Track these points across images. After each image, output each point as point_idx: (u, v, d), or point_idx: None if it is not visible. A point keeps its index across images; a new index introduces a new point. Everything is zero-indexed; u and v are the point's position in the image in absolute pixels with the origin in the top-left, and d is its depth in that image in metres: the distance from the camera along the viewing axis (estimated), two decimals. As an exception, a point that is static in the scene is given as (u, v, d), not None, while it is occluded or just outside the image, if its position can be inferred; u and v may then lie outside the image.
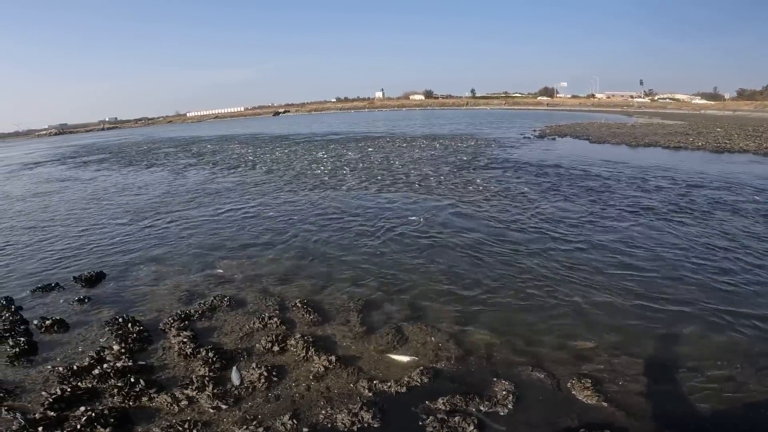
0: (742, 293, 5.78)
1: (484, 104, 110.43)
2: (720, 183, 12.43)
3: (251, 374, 4.38)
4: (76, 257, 8.25)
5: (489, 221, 9.26)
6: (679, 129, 31.04)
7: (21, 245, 9.28)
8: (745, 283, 6.03)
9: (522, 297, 5.92)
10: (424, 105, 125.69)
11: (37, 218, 11.76)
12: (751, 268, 6.52)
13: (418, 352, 4.76)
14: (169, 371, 4.53)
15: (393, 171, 16.35)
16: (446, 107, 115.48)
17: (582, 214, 9.57)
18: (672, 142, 22.66)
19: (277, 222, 9.93)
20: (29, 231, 10.43)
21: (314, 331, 5.25)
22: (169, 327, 5.24)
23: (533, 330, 5.13)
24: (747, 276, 6.26)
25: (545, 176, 14.18)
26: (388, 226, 9.26)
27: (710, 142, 22.25)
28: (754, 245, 7.39)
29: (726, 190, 11.57)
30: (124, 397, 4.03)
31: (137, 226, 10.17)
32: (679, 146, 21.50)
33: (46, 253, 8.64)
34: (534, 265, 6.91)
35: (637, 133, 28.14)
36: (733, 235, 7.92)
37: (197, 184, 15.85)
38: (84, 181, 18.75)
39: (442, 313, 5.58)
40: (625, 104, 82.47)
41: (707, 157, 18.29)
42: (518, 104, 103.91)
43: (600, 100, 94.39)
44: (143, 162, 24.61)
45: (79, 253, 8.46)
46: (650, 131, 29.86)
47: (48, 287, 6.69)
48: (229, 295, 6.14)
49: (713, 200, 10.50)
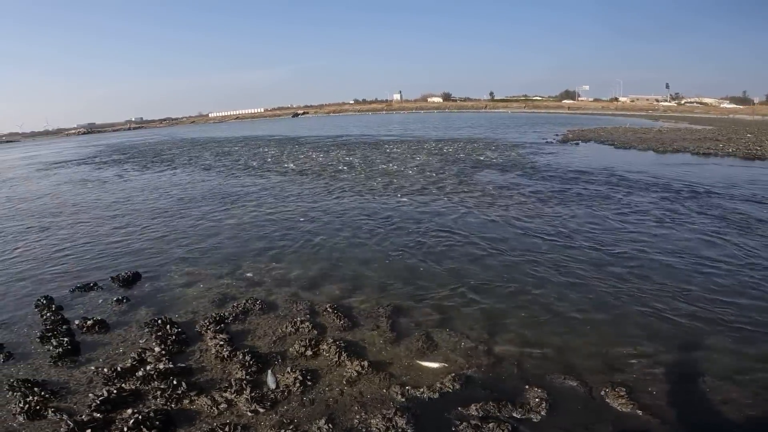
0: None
1: (503, 107, 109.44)
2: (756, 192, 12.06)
3: (286, 378, 4.46)
4: (111, 257, 8.50)
5: (516, 229, 9.20)
6: (708, 134, 30.25)
7: (57, 244, 9.59)
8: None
9: (551, 305, 5.89)
10: (442, 108, 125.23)
11: (71, 218, 12.12)
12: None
13: (449, 359, 4.79)
14: (207, 373, 4.64)
15: (410, 176, 16.37)
16: (464, 110, 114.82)
17: (612, 223, 9.43)
18: (701, 149, 22.08)
19: (305, 226, 10.06)
20: (64, 230, 10.77)
21: (345, 336, 5.31)
22: (205, 329, 5.38)
23: (564, 338, 5.11)
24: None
25: (572, 183, 13.99)
26: (415, 231, 9.29)
27: (741, 149, 21.63)
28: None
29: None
30: (167, 399, 4.14)
31: (168, 227, 10.44)
32: (708, 152, 20.93)
33: (83, 252, 8.93)
34: (562, 273, 6.85)
35: (664, 139, 27.53)
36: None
37: (222, 186, 16.13)
38: (113, 181, 19.27)
39: (472, 320, 5.58)
40: (651, 108, 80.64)
41: (739, 165, 17.76)
42: (538, 108, 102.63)
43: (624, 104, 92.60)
44: (170, 163, 25.17)
45: (114, 253, 8.72)
46: (678, 136, 29.18)
47: (87, 287, 6.92)
48: (260, 298, 6.26)
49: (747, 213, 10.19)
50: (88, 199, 15.09)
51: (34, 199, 15.99)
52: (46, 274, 7.79)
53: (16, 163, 36.42)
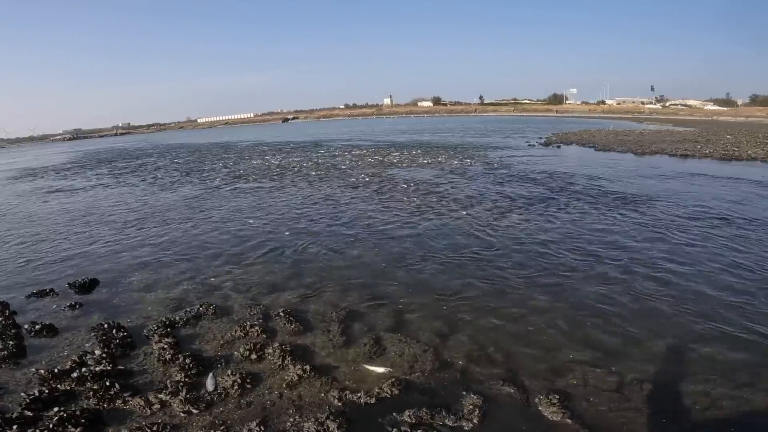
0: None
1: (493, 111, 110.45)
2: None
3: (225, 381, 4.48)
4: (71, 264, 8.46)
5: (479, 237, 9.27)
6: (689, 136, 30.72)
7: (17, 252, 9.54)
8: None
9: (506, 310, 5.89)
10: (432, 112, 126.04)
11: (32, 228, 12.05)
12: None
13: (394, 363, 4.79)
14: (147, 376, 4.67)
15: (393, 180, 16.47)
16: (454, 114, 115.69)
17: (570, 223, 9.55)
18: (679, 150, 22.43)
19: (271, 231, 10.07)
20: (26, 239, 10.70)
21: (294, 340, 5.33)
22: (153, 333, 5.39)
23: (514, 343, 5.11)
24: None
25: (538, 185, 14.15)
26: (376, 233, 9.36)
27: (718, 150, 21.98)
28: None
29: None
30: (99, 399, 4.18)
31: (132, 235, 10.40)
32: (686, 154, 21.28)
33: (43, 260, 8.88)
34: (518, 276, 6.93)
35: (644, 141, 27.91)
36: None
37: (193, 193, 16.11)
38: (80, 190, 19.10)
39: (425, 324, 5.58)
40: (636, 110, 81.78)
41: (713, 166, 18.05)
42: (527, 111, 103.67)
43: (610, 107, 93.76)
44: (140, 170, 25.08)
45: (74, 261, 8.67)
46: (658, 138, 29.59)
47: (42, 293, 6.89)
48: (216, 303, 6.27)
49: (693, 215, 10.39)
50: (53, 209, 14.90)
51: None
52: (3, 281, 7.74)
53: None
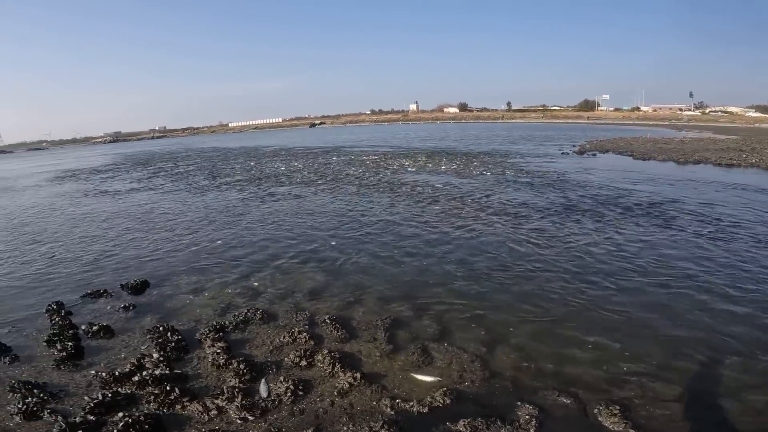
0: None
1: (521, 117, 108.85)
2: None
3: (278, 387, 4.51)
4: (120, 265, 8.78)
5: (518, 247, 9.10)
6: (732, 144, 29.41)
7: (67, 253, 9.94)
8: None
9: (553, 321, 5.80)
10: (458, 118, 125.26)
11: (80, 228, 12.55)
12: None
13: (443, 373, 4.77)
14: (203, 380, 4.75)
15: (425, 187, 16.42)
16: (481, 120, 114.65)
17: (615, 236, 9.25)
18: (724, 159, 21.45)
19: (312, 237, 10.18)
20: (74, 240, 11.15)
21: (341, 347, 5.34)
22: (205, 337, 5.50)
23: (563, 354, 5.04)
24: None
25: (580, 195, 13.79)
26: (419, 242, 9.32)
27: (765, 160, 20.93)
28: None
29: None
30: (160, 404, 4.25)
31: (175, 238, 10.71)
32: (731, 164, 20.35)
33: (95, 260, 9.23)
34: (565, 288, 6.76)
35: (686, 149, 26.86)
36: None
37: (229, 197, 16.45)
38: (123, 192, 19.81)
39: (471, 334, 5.54)
40: (674, 117, 78.87)
41: (761, 177, 17.17)
42: (557, 118, 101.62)
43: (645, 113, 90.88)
44: (183, 175, 25.82)
45: (122, 262, 9.00)
46: (700, 147, 28.45)
47: (97, 293, 7.16)
48: (262, 308, 6.36)
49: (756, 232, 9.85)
50: (96, 210, 15.53)
51: (43, 209, 16.55)
52: (59, 281, 8.08)
53: (31, 171, 38.15)
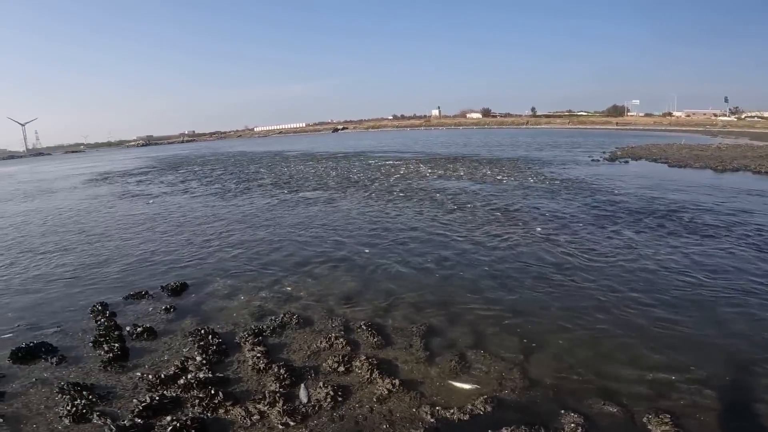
0: None
1: (546, 123, 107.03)
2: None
3: (318, 393, 4.52)
4: (161, 267, 9.02)
5: (555, 256, 8.92)
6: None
7: (107, 254, 10.24)
8: None
9: (591, 327, 5.73)
10: (481, 124, 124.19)
11: (118, 230, 12.91)
12: None
13: (481, 381, 4.73)
14: (243, 384, 4.79)
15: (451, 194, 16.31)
16: (505, 126, 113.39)
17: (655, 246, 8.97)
18: (763, 167, 20.50)
19: (342, 242, 10.24)
20: (112, 241, 11.47)
21: (377, 353, 5.33)
22: (244, 341, 5.57)
23: (604, 361, 4.97)
24: None
25: (614, 205, 13.42)
26: (448, 249, 9.24)
27: (808, 167, 19.90)
28: None
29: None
30: (204, 408, 4.29)
31: (209, 241, 10.93)
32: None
33: (134, 261, 9.52)
34: (603, 298, 6.60)
35: (723, 156, 25.84)
36: None
37: (258, 202, 16.67)
38: (159, 195, 20.25)
39: (507, 341, 5.49)
40: (708, 123, 76.00)
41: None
42: (584, 123, 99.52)
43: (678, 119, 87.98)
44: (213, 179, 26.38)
45: (163, 264, 9.25)
46: (738, 154, 27.31)
47: (139, 295, 7.36)
48: (297, 313, 6.41)
49: None
50: (132, 213, 16.02)
51: (80, 212, 17.10)
52: (100, 282, 8.33)
53: (68, 173, 39.87)
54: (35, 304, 7.40)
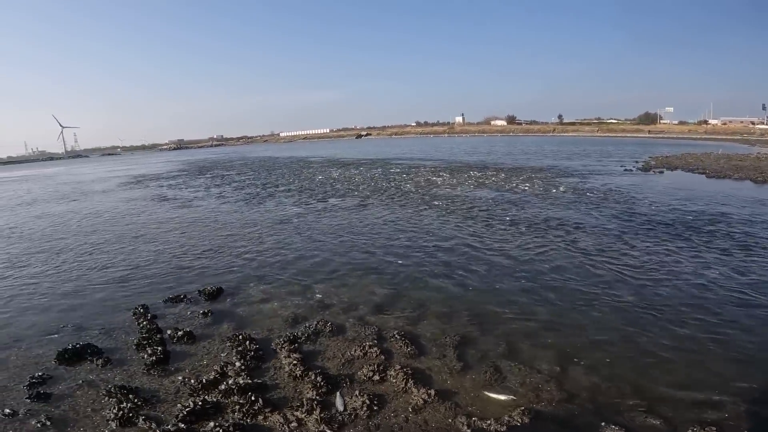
0: None
1: (573, 131, 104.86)
2: None
3: (354, 401, 4.57)
4: (194, 271, 9.28)
5: (591, 266, 8.75)
6: (817, 161, 26.70)
7: (145, 257, 10.57)
8: None
9: (630, 341, 5.65)
10: (506, 131, 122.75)
11: (153, 234, 13.27)
12: None
13: (517, 392, 4.70)
14: (281, 391, 4.87)
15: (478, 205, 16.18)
16: (530, 134, 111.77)
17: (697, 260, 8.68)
18: (808, 178, 19.51)
19: (370, 251, 10.30)
20: (148, 245, 11.79)
21: (411, 363, 5.34)
22: (280, 347, 5.66)
23: (644, 375, 4.90)
24: None
25: (651, 218, 13.04)
26: (478, 259, 9.18)
27: None
28: None
29: None
30: (244, 414, 4.36)
31: (244, 245, 11.15)
32: (818, 182, 18.47)
33: (168, 266, 9.79)
34: (643, 311, 6.46)
35: (763, 167, 24.71)
36: None
37: (288, 209, 16.84)
38: (193, 199, 20.60)
39: (542, 354, 5.45)
40: (745, 132, 72.81)
41: None
42: (613, 131, 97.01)
43: (714, 127, 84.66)
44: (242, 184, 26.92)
45: (197, 268, 9.49)
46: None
47: (177, 298, 7.58)
48: (330, 320, 6.48)
49: None
50: (166, 217, 16.50)
51: (116, 215, 17.64)
52: (140, 284, 8.63)
53: (105, 175, 41.57)
54: (78, 305, 7.69)
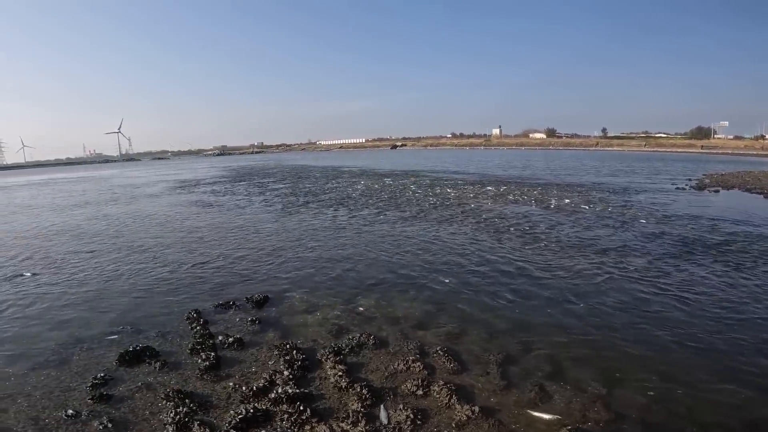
0: None
1: (618, 145, 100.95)
2: None
3: (398, 415, 4.60)
4: (239, 278, 9.60)
5: (636, 286, 8.51)
6: None
7: (195, 262, 11.00)
8: None
9: (683, 364, 5.53)
10: (545, 144, 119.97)
11: (206, 238, 13.64)
12: None
13: (563, 411, 4.64)
14: (326, 402, 4.96)
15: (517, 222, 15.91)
16: (571, 147, 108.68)
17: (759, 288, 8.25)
18: None
19: (409, 265, 10.34)
20: (197, 249, 12.19)
21: (454, 379, 5.35)
22: (325, 358, 5.79)
23: (697, 398, 4.78)
24: None
25: (706, 241, 12.42)
26: (521, 277, 9.07)
27: None
28: None
29: None
30: (292, 423, 4.46)
31: (286, 254, 11.47)
32: None
33: (219, 271, 10.19)
34: (701, 333, 6.28)
35: (832, 186, 22.85)
36: None
37: (328, 220, 16.96)
38: (234, 207, 20.78)
39: (588, 374, 5.37)
40: (810, 147, 67.57)
41: None
42: (663, 146, 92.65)
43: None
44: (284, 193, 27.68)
45: (242, 275, 9.84)
46: None
47: (227, 304, 7.87)
48: (373, 333, 6.56)
49: None
50: (214, 222, 17.20)
51: (166, 219, 18.30)
52: (191, 289, 8.98)
53: (155, 179, 43.96)
54: (135, 307, 8.09)
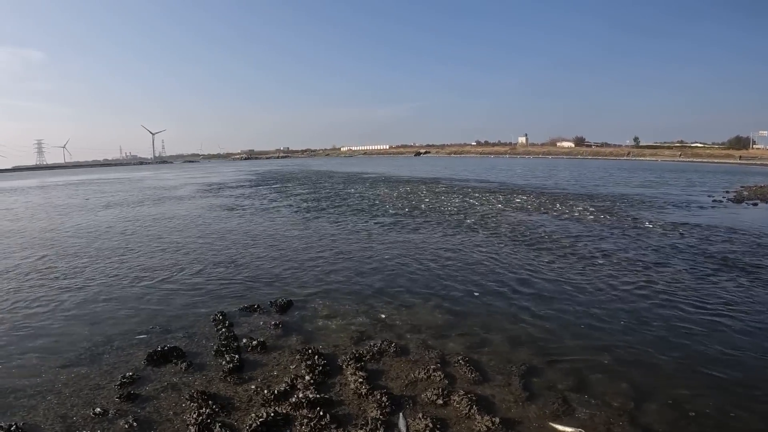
0: None
1: (651, 155, 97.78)
2: None
3: (417, 424, 4.58)
4: (263, 281, 9.79)
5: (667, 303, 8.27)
6: None
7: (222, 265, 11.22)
8: None
9: (713, 377, 5.40)
10: (573, 153, 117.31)
11: (227, 243, 13.80)
12: None
13: (585, 425, 4.55)
14: (345, 408, 4.98)
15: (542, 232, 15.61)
16: (600, 156, 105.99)
17: None
18: None
19: (430, 273, 10.31)
20: (229, 252, 12.37)
21: (475, 389, 5.29)
22: (346, 364, 5.82)
23: (727, 415, 4.65)
24: None
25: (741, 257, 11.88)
26: (548, 290, 8.93)
27: None
28: None
29: None
30: (312, 428, 4.48)
31: (309, 260, 11.58)
32: None
33: (245, 273, 10.42)
34: (731, 347, 6.05)
35: None
36: None
37: (350, 227, 16.96)
38: (261, 211, 20.84)
39: (613, 387, 5.26)
40: None
41: None
42: (699, 156, 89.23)
43: (819, 152, 75.02)
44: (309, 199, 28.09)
45: (269, 279, 10.01)
46: None
47: (252, 308, 8.02)
48: (394, 341, 6.57)
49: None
50: (240, 226, 17.54)
51: (195, 221, 18.95)
52: (217, 291, 9.18)
53: (185, 182, 45.42)
54: (163, 307, 8.31)
